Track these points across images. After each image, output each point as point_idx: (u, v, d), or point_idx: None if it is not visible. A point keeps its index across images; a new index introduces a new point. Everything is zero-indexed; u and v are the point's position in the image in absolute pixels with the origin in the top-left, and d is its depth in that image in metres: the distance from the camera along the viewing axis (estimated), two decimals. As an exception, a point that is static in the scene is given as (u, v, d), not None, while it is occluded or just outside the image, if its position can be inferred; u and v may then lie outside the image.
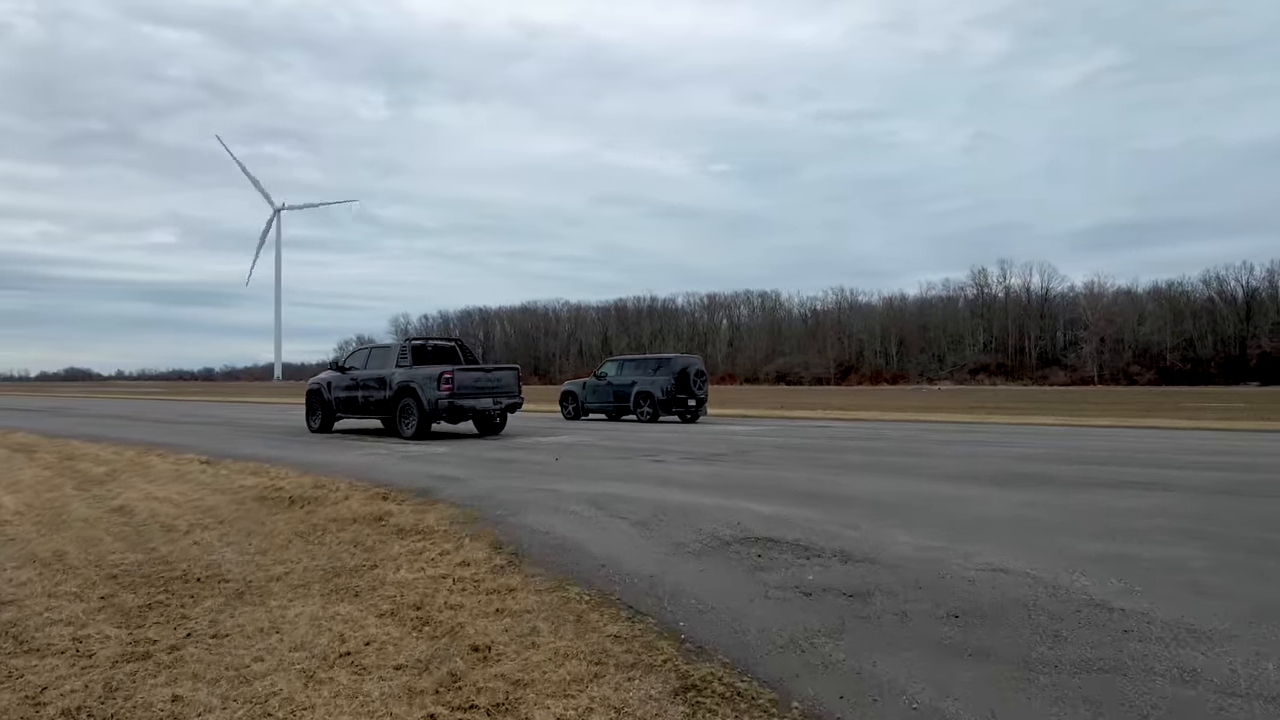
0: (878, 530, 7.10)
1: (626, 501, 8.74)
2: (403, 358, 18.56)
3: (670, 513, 8.04)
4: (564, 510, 8.33)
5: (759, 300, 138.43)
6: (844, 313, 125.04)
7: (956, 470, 11.28)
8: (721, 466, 12.00)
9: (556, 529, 7.41)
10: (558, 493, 9.46)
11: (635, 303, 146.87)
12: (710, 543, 6.72)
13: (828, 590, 5.28)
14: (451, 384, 17.38)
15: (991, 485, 9.78)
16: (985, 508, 8.22)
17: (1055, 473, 10.97)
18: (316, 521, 7.85)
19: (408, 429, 17.83)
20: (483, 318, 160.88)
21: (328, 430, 20.22)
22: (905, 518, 7.71)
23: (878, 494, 9.20)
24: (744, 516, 7.79)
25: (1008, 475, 10.71)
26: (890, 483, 10.11)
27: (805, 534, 6.97)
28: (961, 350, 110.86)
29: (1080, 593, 5.08)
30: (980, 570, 5.66)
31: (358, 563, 6.13)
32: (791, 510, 8.11)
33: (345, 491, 9.71)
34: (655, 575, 5.73)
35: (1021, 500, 8.65)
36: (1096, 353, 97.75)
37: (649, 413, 23.98)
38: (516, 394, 18.72)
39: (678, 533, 7.11)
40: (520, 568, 5.91)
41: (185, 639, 4.45)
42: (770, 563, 6.02)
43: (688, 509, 8.23)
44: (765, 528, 7.26)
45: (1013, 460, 12.56)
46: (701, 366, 24.70)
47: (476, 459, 13.38)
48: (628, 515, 7.97)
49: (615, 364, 25.97)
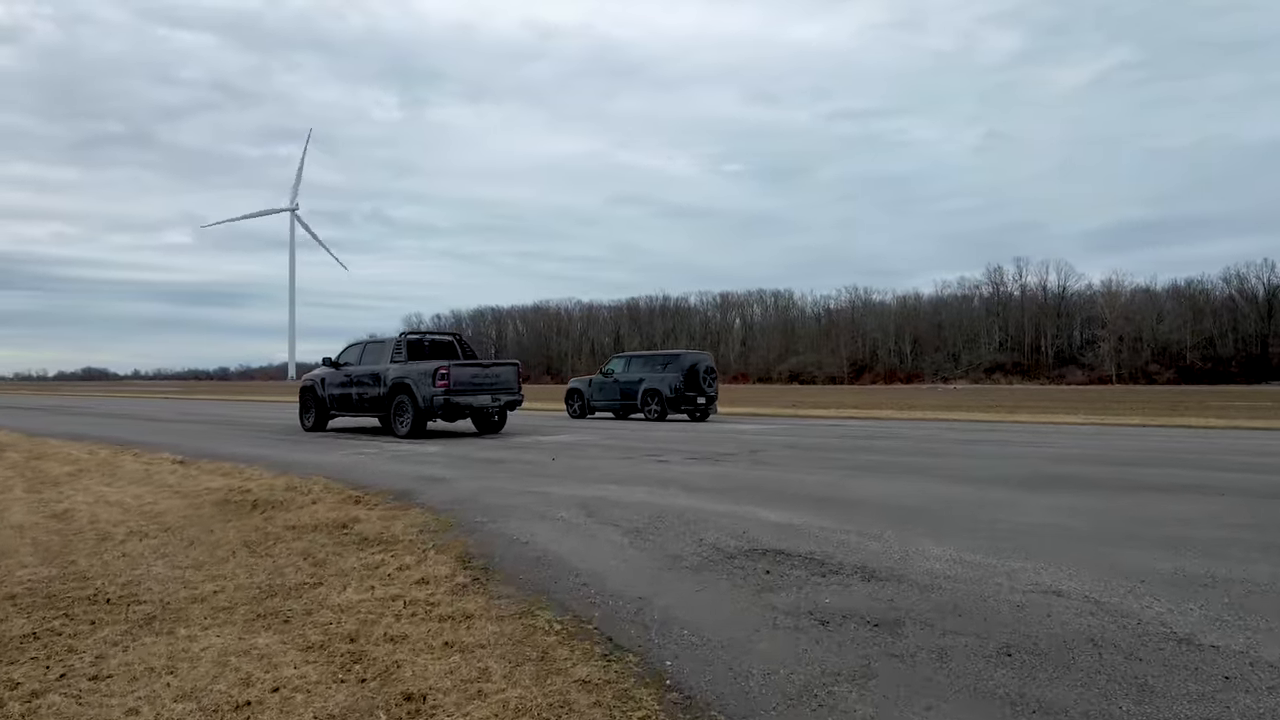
0: (903, 541, 6.21)
1: (621, 506, 7.88)
2: (398, 353, 17.73)
3: (669, 519, 7.17)
4: (551, 516, 7.48)
5: (772, 299, 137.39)
6: (857, 311, 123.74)
7: (983, 472, 10.37)
8: (729, 467, 11.12)
9: (538, 538, 6.55)
10: (547, 496, 8.62)
11: (648, 302, 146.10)
12: (711, 556, 5.85)
13: (849, 617, 4.40)
14: (447, 380, 16.55)
15: (1024, 489, 8.87)
16: (1021, 515, 7.31)
17: (1093, 475, 10.04)
18: (272, 529, 7.01)
19: (402, 427, 17.01)
20: (495, 317, 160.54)
21: (322, 428, 19.43)
22: (932, 526, 6.81)
23: (899, 498, 8.30)
24: (751, 524, 6.92)
25: (1041, 478, 9.78)
26: (911, 485, 9.21)
27: (821, 545, 6.09)
28: (977, 349, 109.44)
29: (1156, 623, 4.18)
30: (1029, 592, 4.77)
31: (300, 580, 5.29)
32: (805, 517, 7.23)
33: (316, 494, 8.89)
34: (644, 596, 4.86)
35: (1061, 506, 7.74)
36: (1114, 351, 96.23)
37: (657, 411, 23.10)
38: (516, 391, 17.87)
39: (675, 543, 6.25)
40: (486, 587, 5.05)
41: (56, 681, 3.61)
42: (780, 581, 5.15)
43: (689, 515, 7.36)
44: (775, 537, 6.39)
45: (1044, 461, 11.63)
46: (711, 363, 23.79)
47: (468, 459, 12.55)
48: (621, 522, 7.11)
49: (622, 360, 25.06)
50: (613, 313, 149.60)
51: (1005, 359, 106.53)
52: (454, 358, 18.58)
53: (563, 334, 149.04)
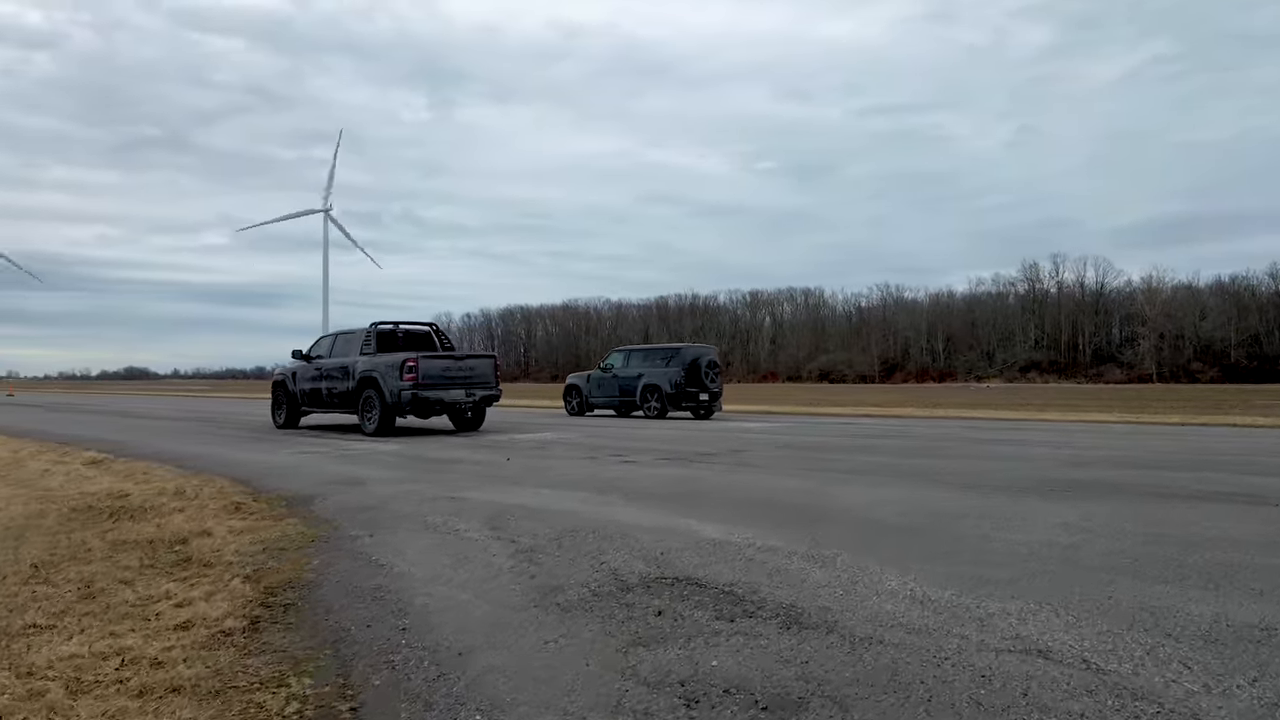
0: (858, 567, 4.81)
1: (538, 517, 6.55)
2: (367, 344, 16.54)
3: (581, 535, 5.83)
4: (444, 529, 6.18)
5: (802, 297, 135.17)
6: (889, 309, 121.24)
7: (991, 476, 8.89)
8: (699, 470, 9.75)
9: (403, 559, 5.25)
10: (463, 503, 7.32)
11: (677, 300, 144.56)
12: (601, 587, 4.50)
13: (732, 693, 3.03)
14: (415, 373, 15.31)
15: (1034, 496, 7.40)
16: (1022, 530, 5.87)
17: (1118, 479, 8.52)
18: (96, 545, 5.77)
19: (370, 424, 15.81)
20: (524, 316, 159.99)
21: (293, 426, 18.30)
22: (905, 546, 5.40)
23: (880, 508, 6.88)
24: (679, 542, 5.55)
25: (1056, 483, 8.29)
26: (901, 492, 7.77)
27: (749, 574, 4.71)
28: (1012, 347, 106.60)
29: (1187, 715, 2.77)
30: (1004, 651, 3.37)
31: (35, 620, 4.01)
32: (751, 532, 5.85)
33: (203, 500, 7.66)
34: (468, 651, 3.53)
35: (1073, 519, 6.27)
36: (1155, 349, 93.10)
37: (656, 408, 21.73)
38: (493, 385, 16.58)
39: (567, 569, 4.90)
40: (258, 635, 3.74)
41: None
42: (669, 628, 3.79)
43: (609, 530, 6.01)
44: (698, 561, 5.02)
45: (1064, 464, 10.10)
46: (715, 357, 22.34)
47: (419, 459, 11.29)
48: (522, 538, 5.78)
49: (621, 354, 23.69)
50: (642, 311, 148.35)
51: (1041, 357, 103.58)
52: (432, 349, 17.33)
53: (591, 333, 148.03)
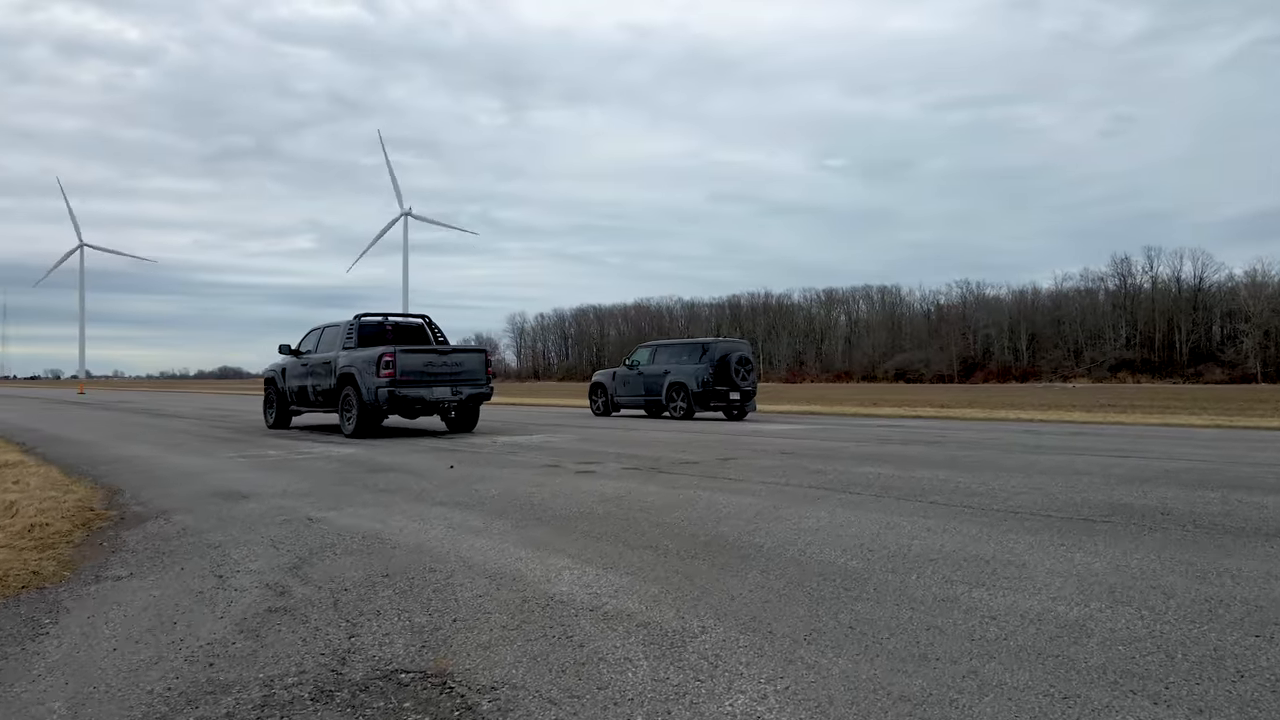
0: (717, 657, 3.08)
1: (371, 552, 4.99)
2: (348, 338, 15.22)
3: (387, 584, 4.25)
4: (214, 573, 4.67)
5: (878, 295, 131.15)
6: (969, 306, 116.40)
7: (1010, 496, 6.94)
8: (658, 485, 8.02)
9: (89, 625, 3.71)
10: (305, 529, 5.81)
11: (749, 299, 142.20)
12: (290, 691, 2.87)
13: None
14: (393, 368, 13.91)
15: (1052, 529, 5.47)
16: (1010, 590, 4.01)
17: (1180, 503, 6.48)
18: None
19: (348, 424, 14.48)
20: (597, 316, 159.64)
21: (284, 426, 17.12)
22: (817, 615, 3.62)
23: (828, 543, 5.06)
24: (506, 596, 3.91)
25: (1093, 508, 6.31)
26: (875, 517, 5.91)
27: (543, 664, 3.03)
28: (1101, 345, 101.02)
29: None
30: None
31: None
32: (621, 583, 4.16)
33: (35, 517, 6.29)
34: None
35: (1096, 569, 4.37)
36: (1260, 347, 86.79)
37: (682, 408, 19.97)
38: (483, 382, 15.06)
39: (284, 650, 3.31)
40: None
41: None
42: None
43: (438, 576, 4.41)
44: (489, 638, 3.37)
45: (1115, 480, 8.04)
46: (747, 353, 20.45)
47: (354, 465, 9.84)
48: (300, 588, 4.21)
49: (648, 350, 21.93)
50: (714, 310, 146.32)
51: (1133, 356, 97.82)
52: (426, 345, 15.91)
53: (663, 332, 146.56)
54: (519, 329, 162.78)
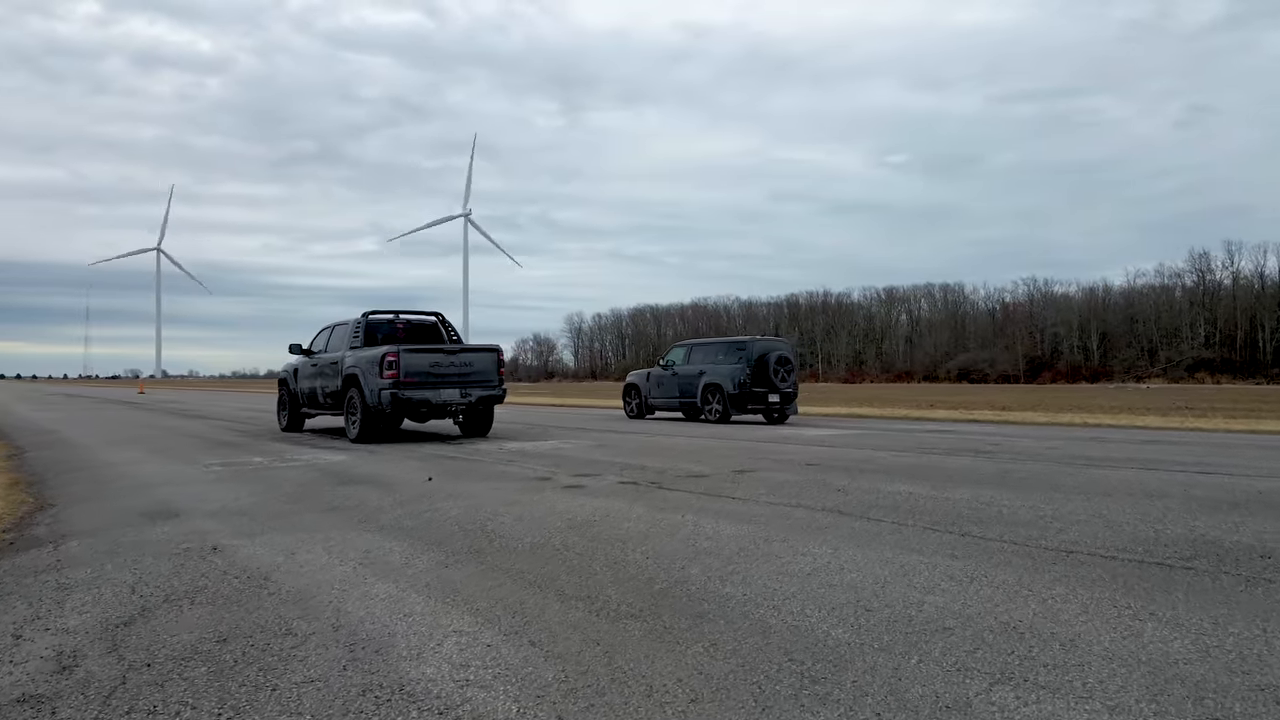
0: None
1: (234, 603, 3.97)
2: (355, 337, 14.38)
3: (154, 668, 3.20)
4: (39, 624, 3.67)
5: (940, 293, 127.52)
6: (1036, 304, 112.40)
7: (1073, 527, 5.65)
8: (643, 505, 6.91)
9: None
10: (192, 565, 4.84)
11: (808, 298, 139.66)
12: None
13: None
14: (396, 369, 13.00)
15: (1128, 580, 4.21)
16: (1070, 695, 2.81)
17: (1288, 542, 5.14)
18: None
19: (353, 428, 13.62)
20: (654, 316, 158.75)
21: (297, 429, 16.41)
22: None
23: (810, 599, 3.89)
24: (346, 684, 2.83)
25: (1179, 546, 5.01)
26: (885, 556, 4.70)
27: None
28: (1177, 344, 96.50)
29: None
30: None
31: None
32: (519, 658, 3.07)
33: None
34: None
35: (1189, 654, 3.14)
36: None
37: (718, 410, 18.77)
38: (495, 384, 14.06)
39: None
40: None
41: None
42: None
43: (291, 642, 3.37)
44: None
45: (1199, 506, 6.66)
46: (787, 353, 19.15)
47: (328, 477, 8.93)
48: (84, 663, 3.20)
49: (683, 349, 20.75)
50: (772, 309, 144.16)
51: (1212, 355, 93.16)
52: (440, 343, 14.99)
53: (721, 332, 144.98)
54: (576, 329, 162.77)
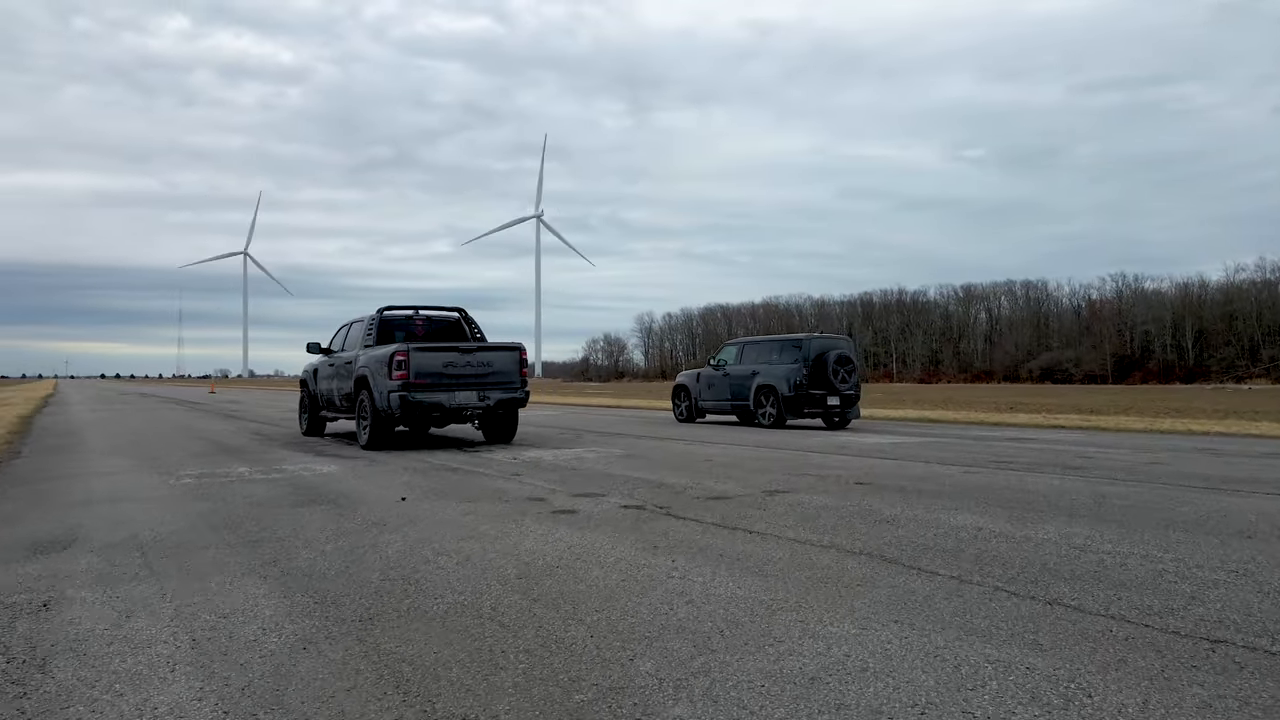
0: None
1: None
2: (369, 335, 13.26)
3: None
4: None
5: (1022, 290, 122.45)
6: (1125, 302, 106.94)
7: (1209, 593, 4.05)
8: (625, 543, 5.49)
9: None
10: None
11: (882, 296, 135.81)
12: None
13: None
14: (406, 370, 11.83)
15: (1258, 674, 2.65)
16: None
17: None
18: None
19: (364, 434, 12.50)
20: (725, 315, 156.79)
21: (318, 433, 15.40)
22: None
23: (802, 704, 2.45)
24: None
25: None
26: (951, 648, 3.19)
27: None
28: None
29: None
30: None
31: None
32: None
33: None
34: None
35: None
36: None
37: (772, 414, 17.18)
38: (516, 385, 12.75)
39: None
40: None
41: None
42: None
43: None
44: None
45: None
46: (848, 351, 17.43)
47: (299, 489, 7.75)
48: None
49: (735, 348, 19.18)
50: (845, 308, 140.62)
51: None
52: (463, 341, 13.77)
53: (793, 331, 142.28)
54: (647, 329, 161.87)
